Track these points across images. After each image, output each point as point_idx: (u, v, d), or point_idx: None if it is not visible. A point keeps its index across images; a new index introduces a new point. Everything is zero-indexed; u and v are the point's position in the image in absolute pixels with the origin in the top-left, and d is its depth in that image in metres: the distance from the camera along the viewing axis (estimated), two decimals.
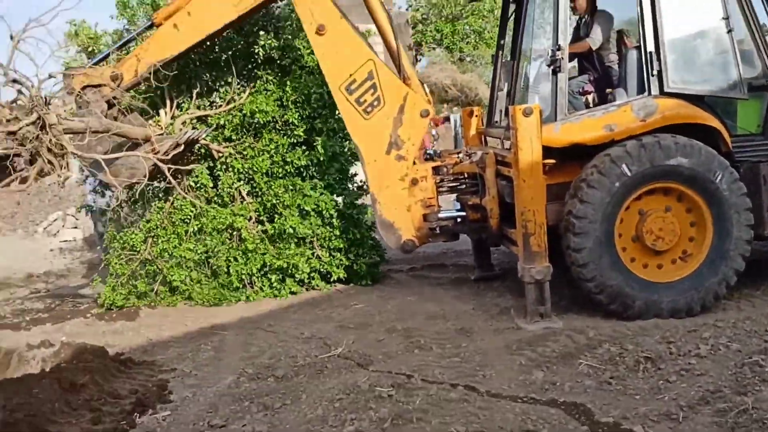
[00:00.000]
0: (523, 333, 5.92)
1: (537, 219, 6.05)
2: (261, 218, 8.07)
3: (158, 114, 7.93)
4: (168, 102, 7.97)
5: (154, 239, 7.81)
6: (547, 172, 6.20)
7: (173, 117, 7.97)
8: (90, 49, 9.57)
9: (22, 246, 12.68)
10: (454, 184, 7.64)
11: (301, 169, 7.99)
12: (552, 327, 5.96)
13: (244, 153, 8.00)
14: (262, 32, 8.09)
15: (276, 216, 7.92)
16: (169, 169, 7.02)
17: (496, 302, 6.94)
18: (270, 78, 8.05)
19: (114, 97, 7.16)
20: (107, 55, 7.66)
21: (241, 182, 8.03)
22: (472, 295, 7.36)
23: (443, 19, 27.57)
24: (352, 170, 8.55)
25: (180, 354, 6.15)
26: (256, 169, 7.91)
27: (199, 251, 7.82)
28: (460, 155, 7.74)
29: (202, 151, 8.10)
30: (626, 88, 6.62)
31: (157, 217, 7.87)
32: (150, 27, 7.45)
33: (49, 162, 5.78)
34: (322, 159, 7.91)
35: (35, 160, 5.78)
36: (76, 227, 14.05)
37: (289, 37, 8.21)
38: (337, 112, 7.88)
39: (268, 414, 4.67)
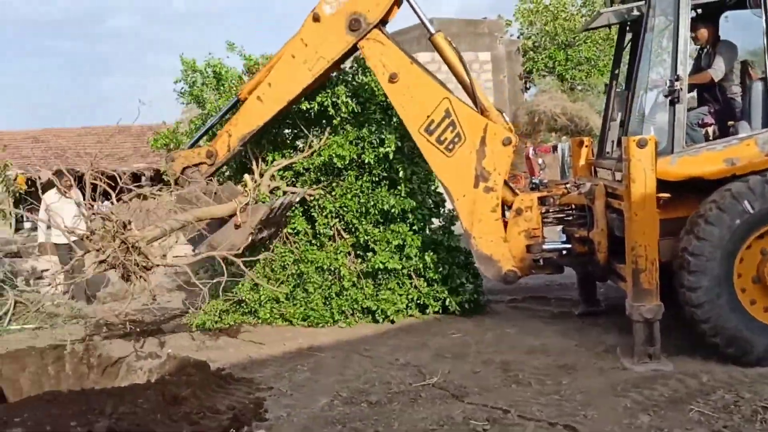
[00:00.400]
0: (629, 374, 5.63)
1: (648, 255, 5.77)
2: (359, 253, 8.10)
3: (247, 175, 8.10)
4: (253, 160, 8.18)
5: (257, 287, 7.99)
6: (660, 206, 5.92)
7: (261, 174, 8.12)
8: (170, 145, 10.11)
9: None
10: (561, 216, 7.42)
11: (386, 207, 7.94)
12: (661, 369, 5.65)
13: (333, 193, 8.08)
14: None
15: (369, 252, 7.94)
16: (261, 238, 7.44)
17: (601, 339, 6.65)
18: (345, 117, 8.05)
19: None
20: (199, 138, 8.10)
21: (336, 220, 8.10)
22: (575, 330, 7.09)
23: (556, 46, 27.22)
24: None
25: (277, 373, 6.21)
26: (346, 208, 7.97)
27: (299, 297, 7.98)
28: (568, 186, 7.52)
29: None
30: (750, 121, 6.27)
31: (259, 266, 8.02)
32: (235, 104, 7.82)
33: (141, 277, 6.08)
34: (405, 200, 7.87)
35: (128, 277, 6.11)
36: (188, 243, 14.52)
37: (363, 78, 8.29)
38: (415, 156, 7.89)
39: None
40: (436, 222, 8.38)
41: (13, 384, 6.62)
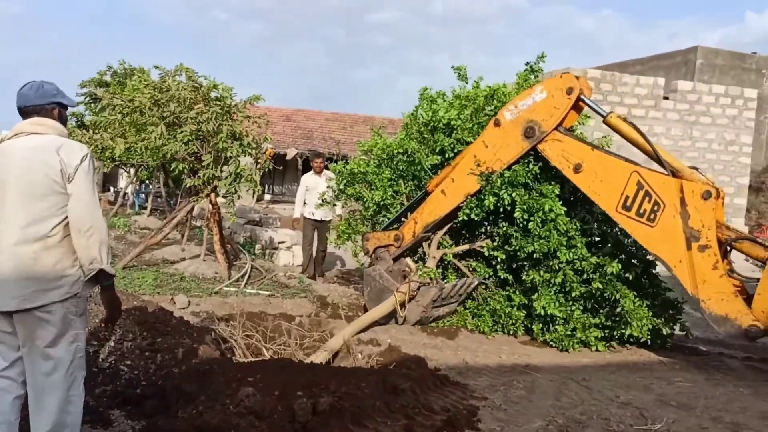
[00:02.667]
0: None
1: None
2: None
3: (408, 259, 8.70)
4: (426, 244, 8.69)
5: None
6: None
7: (433, 256, 8.54)
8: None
9: None
10: None
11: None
12: None
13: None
14: None
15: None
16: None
17: None
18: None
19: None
20: (391, 223, 8.87)
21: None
22: None
23: None
24: None
25: (492, 385, 6.22)
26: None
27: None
28: None
29: None
30: None
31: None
32: (424, 195, 8.54)
33: None
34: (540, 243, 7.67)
35: None
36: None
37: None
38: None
39: None
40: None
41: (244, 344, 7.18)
